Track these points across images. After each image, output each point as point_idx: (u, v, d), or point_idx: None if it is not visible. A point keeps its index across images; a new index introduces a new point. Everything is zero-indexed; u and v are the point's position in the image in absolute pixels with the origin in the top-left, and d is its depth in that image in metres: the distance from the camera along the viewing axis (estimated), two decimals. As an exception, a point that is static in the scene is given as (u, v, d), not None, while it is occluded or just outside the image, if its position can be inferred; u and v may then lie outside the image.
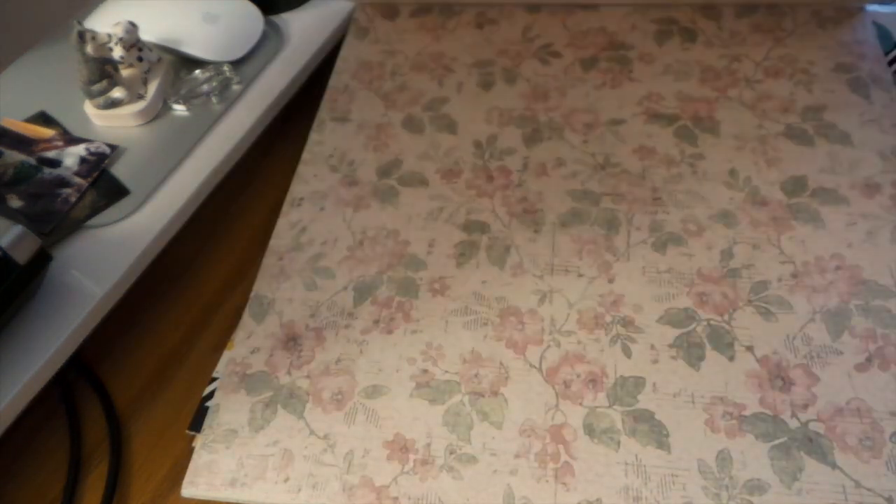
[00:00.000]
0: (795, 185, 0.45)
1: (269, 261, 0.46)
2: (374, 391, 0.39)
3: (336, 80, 0.57)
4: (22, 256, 0.38)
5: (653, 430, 0.36)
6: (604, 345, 0.39)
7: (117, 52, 0.51)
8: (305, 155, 0.52)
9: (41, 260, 0.40)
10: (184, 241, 0.49)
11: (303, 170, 0.51)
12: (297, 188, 0.50)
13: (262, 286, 0.44)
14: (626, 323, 0.40)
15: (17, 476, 0.41)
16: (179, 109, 0.53)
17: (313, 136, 0.53)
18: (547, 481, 0.35)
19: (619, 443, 0.36)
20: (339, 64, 0.59)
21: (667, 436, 0.36)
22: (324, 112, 0.55)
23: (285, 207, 0.49)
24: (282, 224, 0.48)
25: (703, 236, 0.43)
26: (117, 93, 0.51)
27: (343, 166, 0.51)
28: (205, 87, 0.54)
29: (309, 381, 0.40)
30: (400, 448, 0.37)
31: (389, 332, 0.41)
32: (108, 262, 0.43)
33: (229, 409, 0.39)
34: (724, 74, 0.53)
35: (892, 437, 0.35)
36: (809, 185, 0.45)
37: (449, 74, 0.56)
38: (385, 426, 0.38)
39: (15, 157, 0.49)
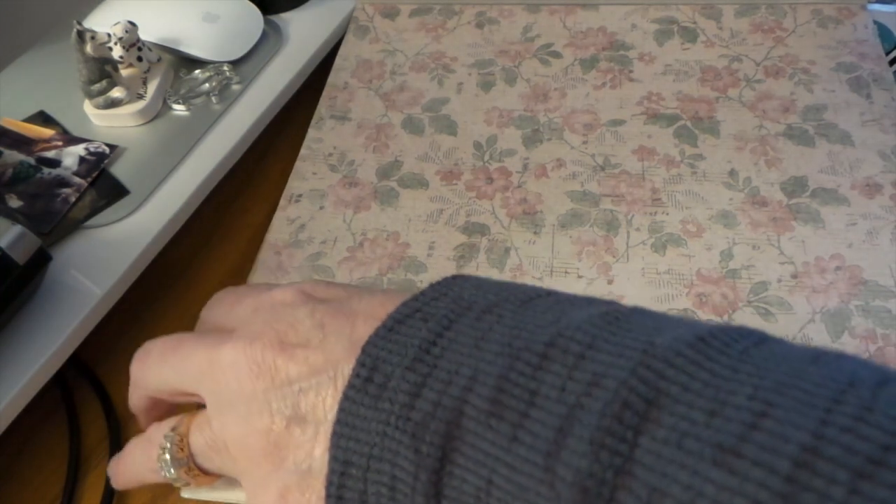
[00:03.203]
0: (795, 186, 0.45)
1: (265, 255, 0.46)
2: (373, 392, 0.39)
3: (335, 77, 0.57)
4: (21, 256, 0.38)
5: (652, 431, 0.36)
6: (603, 345, 0.39)
7: (117, 52, 0.51)
8: (303, 151, 0.52)
9: (41, 260, 0.40)
10: (183, 240, 0.49)
11: (301, 166, 0.51)
12: (295, 184, 0.50)
13: (257, 280, 0.44)
14: (626, 324, 0.40)
15: (16, 476, 0.41)
16: (179, 109, 0.53)
17: (311, 133, 0.53)
18: (546, 482, 0.35)
19: (618, 444, 0.36)
20: (339, 62, 0.59)
21: (666, 437, 0.36)
22: (322, 109, 0.55)
23: (283, 202, 0.49)
24: (279, 219, 0.48)
25: (703, 237, 0.43)
26: (117, 93, 0.51)
27: (343, 166, 0.51)
28: (205, 87, 0.54)
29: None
30: (399, 449, 0.37)
31: (389, 332, 0.41)
32: (107, 262, 0.43)
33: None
34: (725, 74, 0.53)
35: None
36: (810, 185, 0.45)
37: (449, 75, 0.56)
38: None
39: (14, 156, 0.49)
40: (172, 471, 0.25)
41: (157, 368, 0.27)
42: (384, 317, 0.22)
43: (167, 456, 0.25)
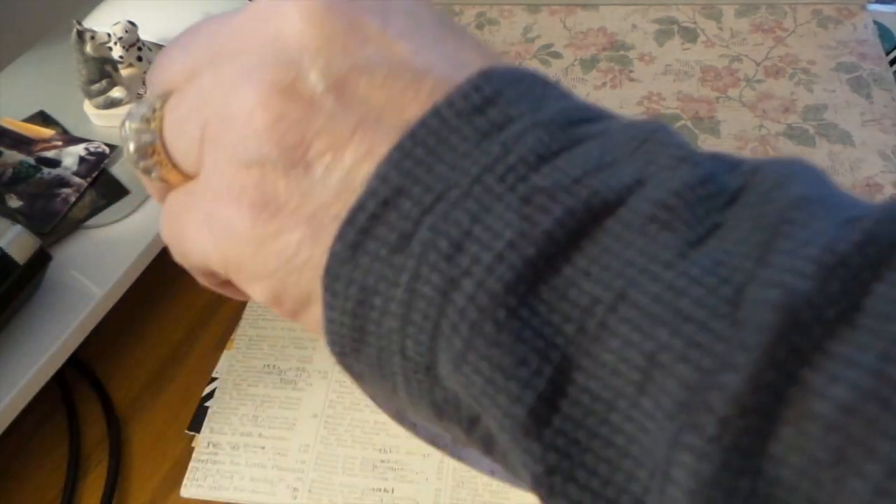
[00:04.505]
0: (796, 186, 0.45)
1: None
2: (373, 391, 0.39)
3: (336, 79, 0.57)
4: (21, 256, 0.38)
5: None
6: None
7: (117, 52, 0.51)
8: None
9: (40, 260, 0.40)
10: (183, 241, 0.49)
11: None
12: None
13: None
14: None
15: (16, 476, 0.41)
16: (179, 109, 0.53)
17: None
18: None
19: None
20: (339, 64, 0.59)
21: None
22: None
23: None
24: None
25: (704, 237, 0.43)
26: (117, 92, 0.51)
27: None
28: (205, 87, 0.54)
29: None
30: (400, 449, 0.37)
31: (389, 332, 0.41)
32: (107, 262, 0.43)
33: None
34: (725, 74, 0.53)
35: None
36: (810, 185, 0.45)
37: (449, 74, 0.56)
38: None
39: (14, 156, 0.49)
40: (132, 148, 0.17)
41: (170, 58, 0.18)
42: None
43: (130, 125, 0.17)
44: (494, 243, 0.13)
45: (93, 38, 0.49)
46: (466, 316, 0.13)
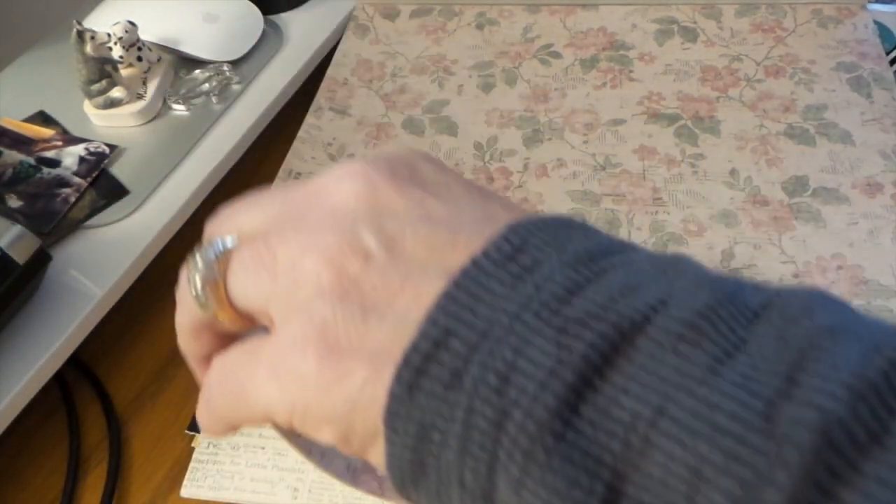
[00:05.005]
0: (797, 185, 0.45)
1: None
2: (374, 391, 0.39)
3: (335, 71, 0.57)
4: (21, 256, 0.38)
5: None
6: (604, 345, 0.39)
7: (117, 52, 0.51)
8: (302, 134, 0.52)
9: (40, 260, 0.40)
10: (183, 240, 0.49)
11: (299, 147, 0.51)
12: (294, 162, 0.50)
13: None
14: (627, 323, 0.40)
15: (16, 476, 0.41)
16: (179, 109, 0.53)
17: (310, 120, 0.53)
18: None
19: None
20: (338, 57, 0.59)
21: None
22: (321, 99, 0.55)
23: (282, 174, 0.49)
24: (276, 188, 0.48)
25: (704, 236, 0.43)
26: (117, 92, 0.51)
27: (343, 159, 0.51)
28: (204, 87, 0.54)
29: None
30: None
31: (389, 332, 0.41)
32: (107, 262, 0.43)
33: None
34: (725, 74, 0.53)
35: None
36: (811, 184, 0.45)
37: (449, 77, 0.56)
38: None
39: (14, 156, 0.49)
40: (199, 282, 0.20)
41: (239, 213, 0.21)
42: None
43: (199, 261, 0.20)
44: (537, 373, 0.15)
45: (93, 38, 0.49)
46: (519, 444, 0.14)
